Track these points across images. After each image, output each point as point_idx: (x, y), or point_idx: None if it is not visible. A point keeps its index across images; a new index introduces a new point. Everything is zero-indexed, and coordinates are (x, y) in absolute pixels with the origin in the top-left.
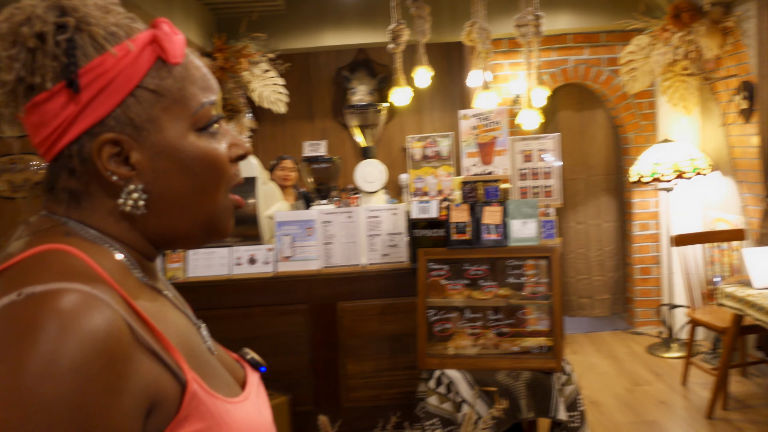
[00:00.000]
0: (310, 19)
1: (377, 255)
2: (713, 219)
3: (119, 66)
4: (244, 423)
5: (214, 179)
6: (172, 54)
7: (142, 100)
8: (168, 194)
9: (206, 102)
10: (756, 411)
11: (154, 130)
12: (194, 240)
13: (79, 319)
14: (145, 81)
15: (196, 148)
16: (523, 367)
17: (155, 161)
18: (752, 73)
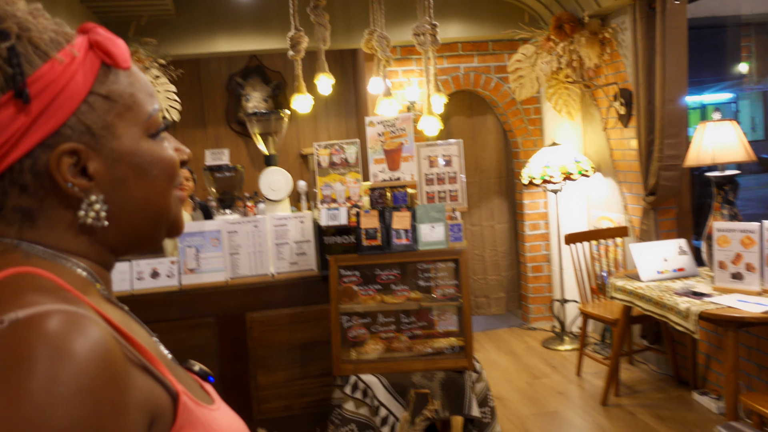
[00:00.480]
0: (202, 24)
1: (285, 264)
2: (598, 218)
3: (68, 73)
4: (228, 429)
5: (168, 181)
6: (122, 59)
7: (96, 107)
8: (128, 201)
9: (155, 109)
10: (644, 395)
11: (110, 137)
12: (154, 241)
13: (71, 340)
14: (96, 87)
15: (151, 153)
16: (436, 367)
17: (113, 169)
18: (628, 81)
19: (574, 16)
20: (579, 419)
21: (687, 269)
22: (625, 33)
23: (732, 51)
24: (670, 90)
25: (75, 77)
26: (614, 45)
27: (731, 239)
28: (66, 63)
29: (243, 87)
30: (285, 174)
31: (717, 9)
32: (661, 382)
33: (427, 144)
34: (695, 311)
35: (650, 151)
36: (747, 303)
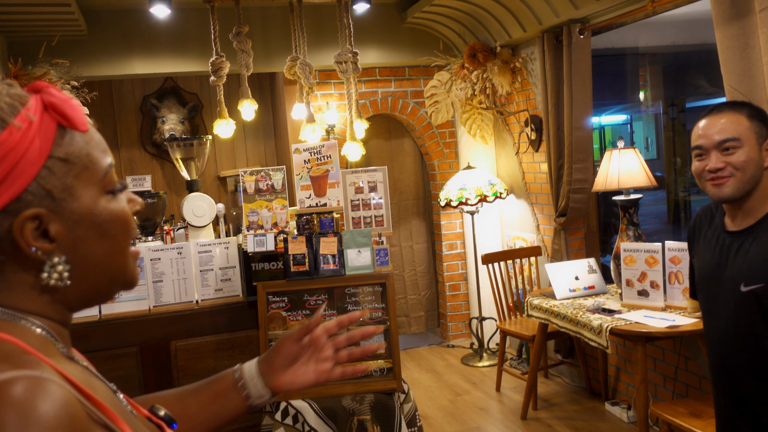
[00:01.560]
0: (116, 45)
1: (210, 290)
2: (512, 237)
3: (27, 138)
4: None
5: (126, 237)
6: (79, 122)
7: (55, 171)
8: (88, 259)
9: (109, 165)
10: (560, 407)
11: (69, 199)
12: (110, 296)
13: (37, 406)
14: (54, 150)
15: (109, 211)
16: (366, 390)
17: (74, 230)
18: (538, 108)
19: (486, 46)
20: None
21: (597, 287)
22: (534, 63)
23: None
24: (577, 117)
25: (33, 142)
26: (524, 74)
27: (637, 258)
28: (24, 129)
29: (158, 109)
30: (208, 200)
31: (617, 41)
32: (575, 395)
33: (353, 171)
34: (607, 327)
35: (560, 175)
36: (653, 318)
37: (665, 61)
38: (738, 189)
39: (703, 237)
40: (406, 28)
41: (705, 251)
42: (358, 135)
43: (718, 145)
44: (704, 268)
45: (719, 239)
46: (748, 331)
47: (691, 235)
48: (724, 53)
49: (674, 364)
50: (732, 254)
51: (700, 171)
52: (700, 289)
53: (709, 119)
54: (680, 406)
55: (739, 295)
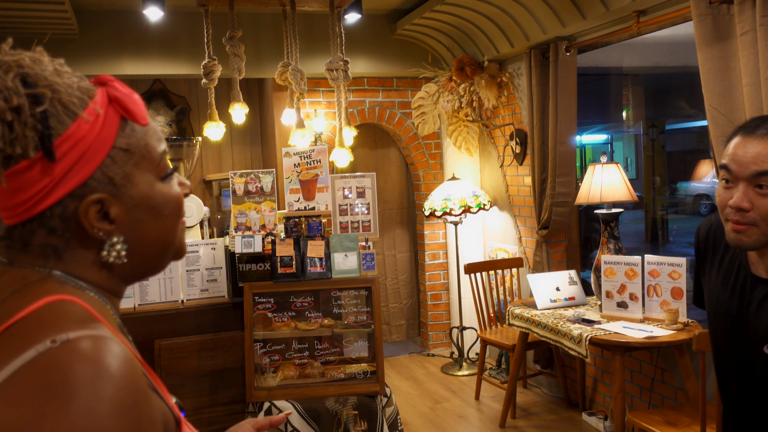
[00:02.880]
0: (107, 45)
1: (196, 290)
2: (494, 248)
3: (94, 131)
4: None
5: (177, 217)
6: (140, 116)
7: (117, 160)
8: (143, 238)
9: (163, 152)
10: (538, 417)
11: (129, 185)
12: (162, 267)
13: (105, 361)
14: (117, 141)
15: (164, 195)
16: (349, 392)
17: (132, 213)
18: (524, 123)
19: (474, 60)
20: None
21: (577, 298)
22: (521, 78)
23: (612, 97)
24: (561, 132)
25: (100, 134)
26: (511, 88)
27: (617, 271)
28: (92, 121)
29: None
30: (197, 200)
31: (602, 60)
32: (553, 404)
33: (342, 176)
34: (587, 336)
35: (543, 188)
36: (631, 329)
37: (647, 81)
38: (760, 242)
39: (718, 263)
40: (396, 39)
41: (719, 284)
42: (347, 142)
43: (751, 178)
44: (718, 306)
45: (739, 276)
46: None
47: (702, 247)
48: (705, 74)
49: (651, 376)
50: (755, 304)
51: (724, 204)
52: (710, 321)
53: (747, 138)
54: (656, 415)
55: (760, 356)
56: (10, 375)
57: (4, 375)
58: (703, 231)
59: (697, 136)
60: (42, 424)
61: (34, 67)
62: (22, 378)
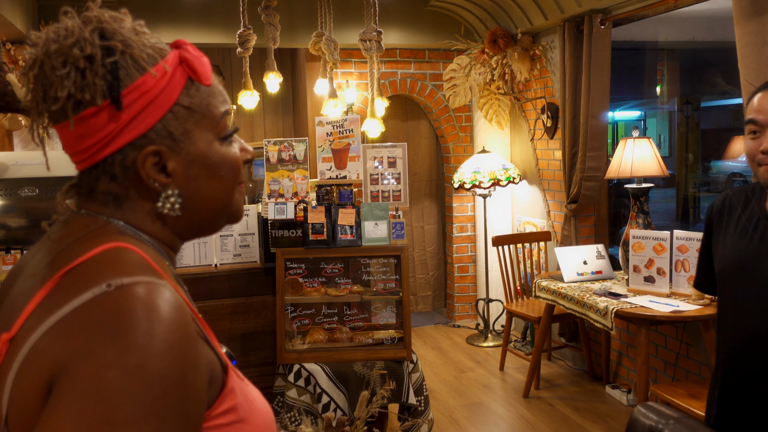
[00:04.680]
0: (145, 15)
1: (229, 255)
2: (522, 222)
3: (159, 86)
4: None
5: (234, 179)
6: (204, 77)
7: (178, 116)
8: (198, 195)
9: (225, 113)
10: (562, 388)
11: (187, 141)
12: (216, 229)
13: (161, 306)
14: (180, 99)
15: (221, 155)
16: (377, 357)
17: (188, 168)
18: (555, 96)
19: (507, 32)
20: (503, 410)
21: (604, 272)
22: (554, 51)
23: (646, 73)
24: (593, 107)
25: (165, 90)
26: (543, 62)
27: (645, 245)
28: (158, 77)
29: None
30: None
31: (637, 35)
32: (577, 377)
33: (373, 145)
34: (612, 309)
35: (573, 162)
36: (658, 303)
37: (683, 57)
38: None
39: (735, 221)
40: (429, 11)
41: (737, 237)
42: (378, 113)
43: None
44: (734, 257)
45: (758, 227)
46: None
47: (715, 217)
48: (742, 49)
49: (676, 351)
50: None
51: (755, 151)
52: (725, 278)
53: None
54: (680, 388)
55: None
56: (67, 314)
57: (60, 314)
58: (718, 203)
59: (732, 113)
60: (91, 357)
61: (112, 24)
62: (77, 316)
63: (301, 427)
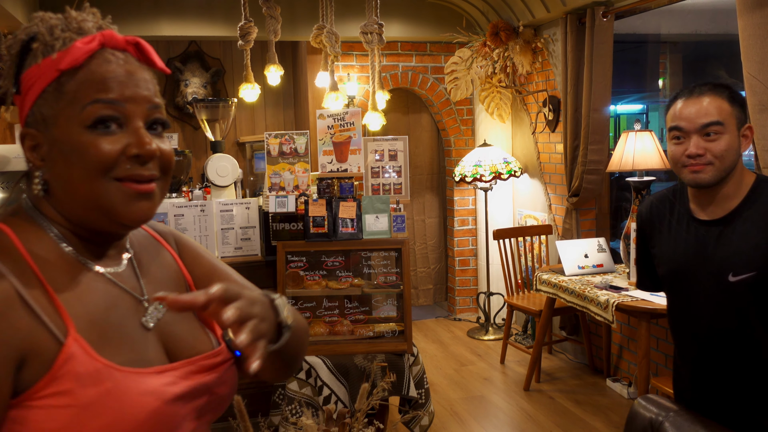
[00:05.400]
0: (145, 6)
1: (230, 248)
2: (523, 216)
3: (39, 73)
4: (134, 389)
5: (92, 171)
6: (63, 62)
7: (46, 100)
8: (58, 181)
9: (92, 101)
10: (562, 382)
11: (52, 125)
12: (99, 224)
13: None
14: (51, 84)
15: (80, 143)
16: (377, 350)
17: (50, 152)
18: (557, 89)
19: (509, 25)
20: (503, 403)
21: (605, 265)
22: (556, 44)
23: (649, 66)
24: (595, 100)
25: (42, 76)
26: (545, 54)
27: None
28: (42, 65)
29: (182, 72)
30: (232, 160)
31: (639, 27)
32: (578, 370)
33: (374, 138)
34: (613, 303)
35: (575, 156)
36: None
37: (686, 49)
38: (716, 177)
39: (667, 227)
40: (430, 3)
41: (673, 241)
42: (380, 106)
43: (700, 129)
44: (675, 260)
45: (689, 228)
46: (737, 322)
47: (647, 225)
48: (745, 41)
49: None
50: (711, 244)
51: (679, 155)
52: (670, 280)
53: (689, 100)
54: None
55: (726, 286)
56: None
57: None
58: (645, 211)
59: None
60: None
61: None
62: None
63: (302, 419)
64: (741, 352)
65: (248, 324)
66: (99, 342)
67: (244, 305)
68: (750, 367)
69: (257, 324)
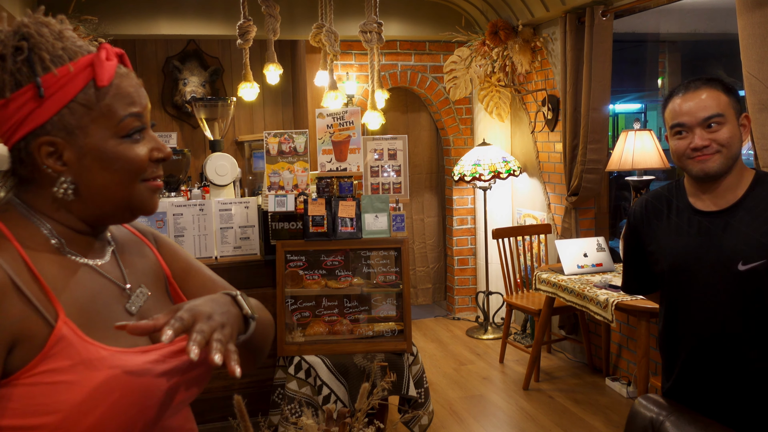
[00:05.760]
0: (144, 4)
1: (229, 247)
2: (522, 215)
3: (58, 83)
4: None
5: (129, 174)
6: (99, 78)
7: (74, 112)
8: (91, 185)
9: (127, 115)
10: (562, 381)
11: (82, 135)
12: (120, 218)
13: None
14: (79, 97)
15: (116, 151)
16: (377, 350)
17: (81, 159)
18: (556, 88)
19: (508, 24)
20: (503, 402)
21: (604, 264)
22: (555, 43)
23: (648, 65)
24: (594, 99)
25: (63, 88)
26: (544, 53)
27: None
28: (59, 76)
29: (180, 71)
30: (231, 159)
31: (638, 26)
32: (577, 370)
33: (374, 138)
34: (613, 302)
35: (574, 155)
36: None
37: (684, 49)
38: (723, 165)
39: (665, 222)
40: (429, 2)
41: (674, 235)
42: (379, 105)
43: (702, 122)
44: (677, 253)
45: (691, 221)
46: (744, 313)
47: (641, 223)
48: (745, 40)
49: None
50: (717, 234)
51: (683, 149)
52: (670, 276)
53: (687, 96)
54: None
55: (734, 275)
56: None
57: None
58: (639, 209)
59: None
60: None
61: (31, 28)
62: None
63: (302, 419)
64: (747, 344)
65: (212, 342)
66: (87, 325)
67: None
68: (756, 360)
69: (220, 334)
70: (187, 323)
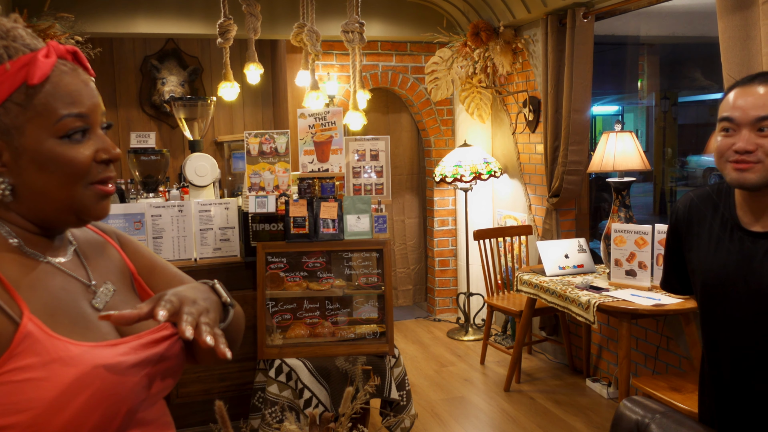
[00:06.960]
0: (123, 4)
1: (209, 249)
2: (503, 216)
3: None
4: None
5: (69, 177)
6: (30, 76)
7: (9, 111)
8: (29, 186)
9: (66, 115)
10: (542, 382)
11: (18, 135)
12: (65, 222)
13: None
14: (14, 96)
15: (54, 153)
16: (359, 352)
17: (18, 160)
18: (537, 90)
19: (490, 25)
20: (484, 403)
21: (586, 266)
22: (536, 44)
23: (627, 67)
24: (575, 100)
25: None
26: (526, 55)
27: (627, 239)
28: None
29: (159, 70)
30: (211, 160)
31: (618, 29)
32: (558, 371)
33: (356, 138)
34: (594, 303)
35: (555, 156)
36: (639, 297)
37: (663, 51)
38: (763, 178)
39: (707, 231)
40: (411, 3)
41: (714, 250)
42: (361, 105)
43: (753, 122)
44: (713, 271)
45: (733, 238)
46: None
47: (683, 225)
48: (725, 43)
49: (656, 344)
50: (758, 258)
51: (725, 149)
52: (703, 292)
53: (745, 89)
54: (661, 381)
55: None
56: None
57: None
58: (682, 209)
59: (709, 109)
60: None
61: None
62: None
63: (284, 424)
64: None
65: (200, 326)
66: (53, 321)
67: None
68: None
69: (206, 317)
70: (176, 306)
